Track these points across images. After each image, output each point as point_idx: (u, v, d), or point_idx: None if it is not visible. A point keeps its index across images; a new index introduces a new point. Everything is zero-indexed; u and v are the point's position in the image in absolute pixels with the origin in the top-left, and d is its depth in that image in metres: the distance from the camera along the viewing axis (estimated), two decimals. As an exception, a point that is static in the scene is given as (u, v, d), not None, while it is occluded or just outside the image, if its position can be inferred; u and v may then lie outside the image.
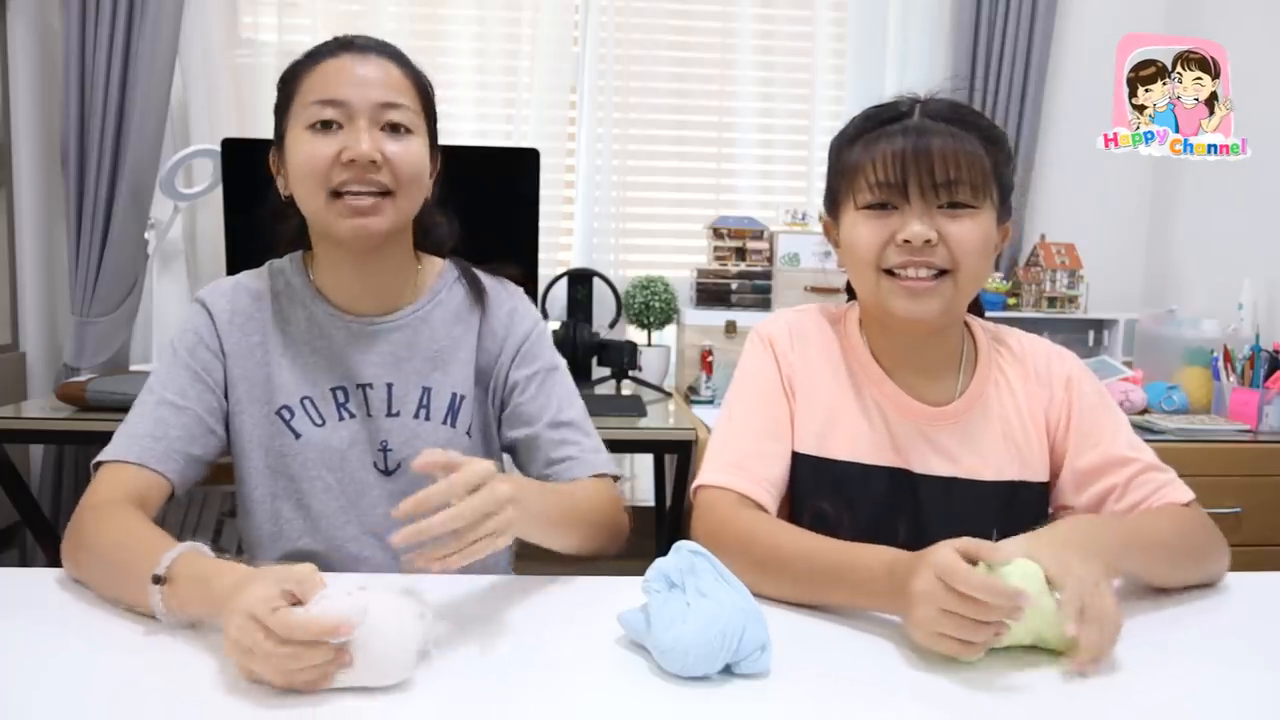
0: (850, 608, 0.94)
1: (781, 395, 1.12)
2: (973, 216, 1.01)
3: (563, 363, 1.23)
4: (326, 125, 1.06)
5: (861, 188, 1.04)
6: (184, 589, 0.84)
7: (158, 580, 0.85)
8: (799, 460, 1.11)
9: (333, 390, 1.14)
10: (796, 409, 1.12)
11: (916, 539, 1.04)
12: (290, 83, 1.11)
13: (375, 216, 1.07)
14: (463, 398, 1.17)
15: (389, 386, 1.15)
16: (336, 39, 1.11)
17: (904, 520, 1.09)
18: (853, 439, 1.10)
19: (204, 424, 1.11)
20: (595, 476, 1.16)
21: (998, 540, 0.86)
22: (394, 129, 1.07)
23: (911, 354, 1.11)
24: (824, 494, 1.10)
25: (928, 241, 1.00)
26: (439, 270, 1.21)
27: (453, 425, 1.16)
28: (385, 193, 1.07)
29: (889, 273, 1.03)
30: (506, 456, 1.25)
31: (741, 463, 1.08)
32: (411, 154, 1.08)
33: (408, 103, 1.09)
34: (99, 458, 1.06)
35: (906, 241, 1.00)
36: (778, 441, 1.11)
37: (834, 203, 1.11)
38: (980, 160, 1.00)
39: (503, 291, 1.23)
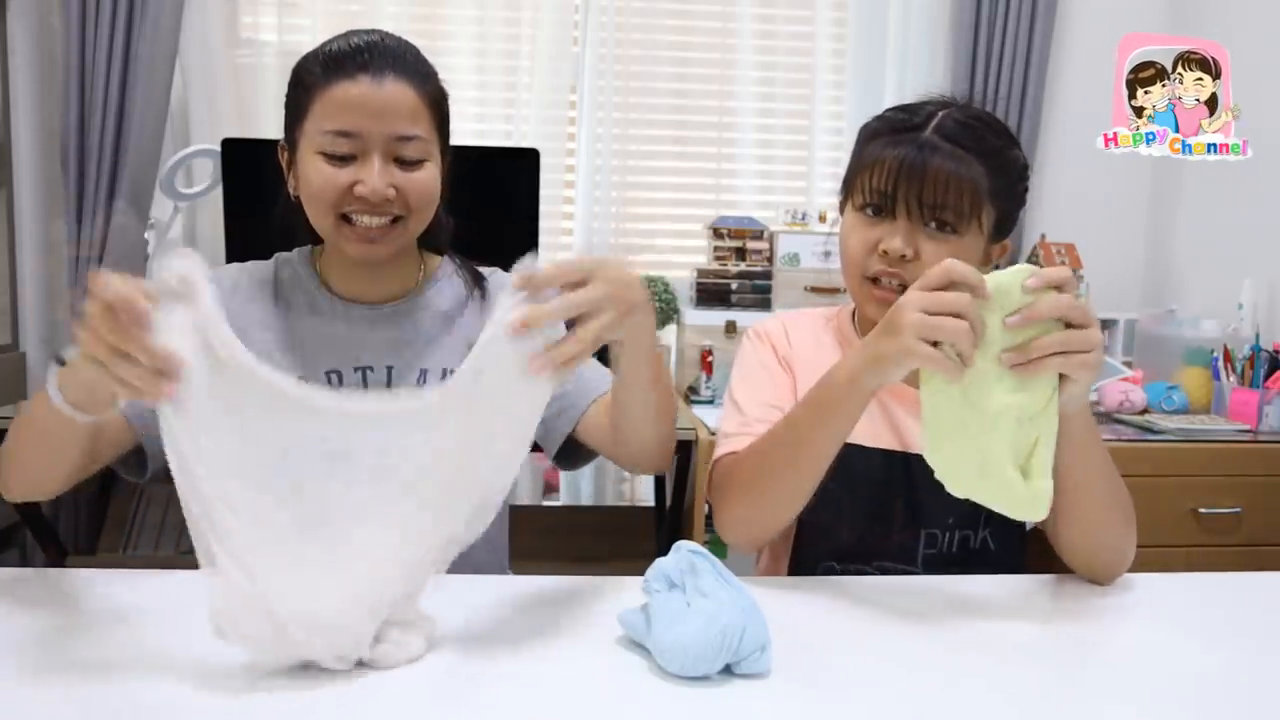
0: (841, 420, 0.97)
1: (781, 370, 1.18)
2: (951, 242, 1.07)
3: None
4: (339, 154, 1.04)
5: (860, 188, 1.09)
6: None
7: (60, 362, 0.85)
8: None
9: (328, 374, 1.14)
10: (797, 387, 1.17)
11: (912, 514, 1.13)
12: (303, 91, 1.07)
13: (383, 243, 1.08)
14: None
15: (389, 370, 1.15)
16: (353, 48, 1.05)
17: (900, 497, 1.13)
18: None
19: None
20: None
21: (984, 516, 0.92)
22: (407, 159, 1.06)
23: None
24: (827, 474, 1.13)
25: (903, 256, 1.06)
26: (438, 264, 1.23)
27: None
28: (395, 218, 1.07)
29: (871, 279, 1.10)
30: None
31: (749, 426, 1.12)
32: (423, 183, 1.08)
33: (422, 131, 1.06)
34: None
35: (886, 252, 1.07)
36: (782, 409, 1.14)
37: (847, 190, 1.16)
38: (974, 186, 1.05)
39: (502, 277, 1.23)
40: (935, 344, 0.86)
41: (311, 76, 1.06)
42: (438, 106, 1.10)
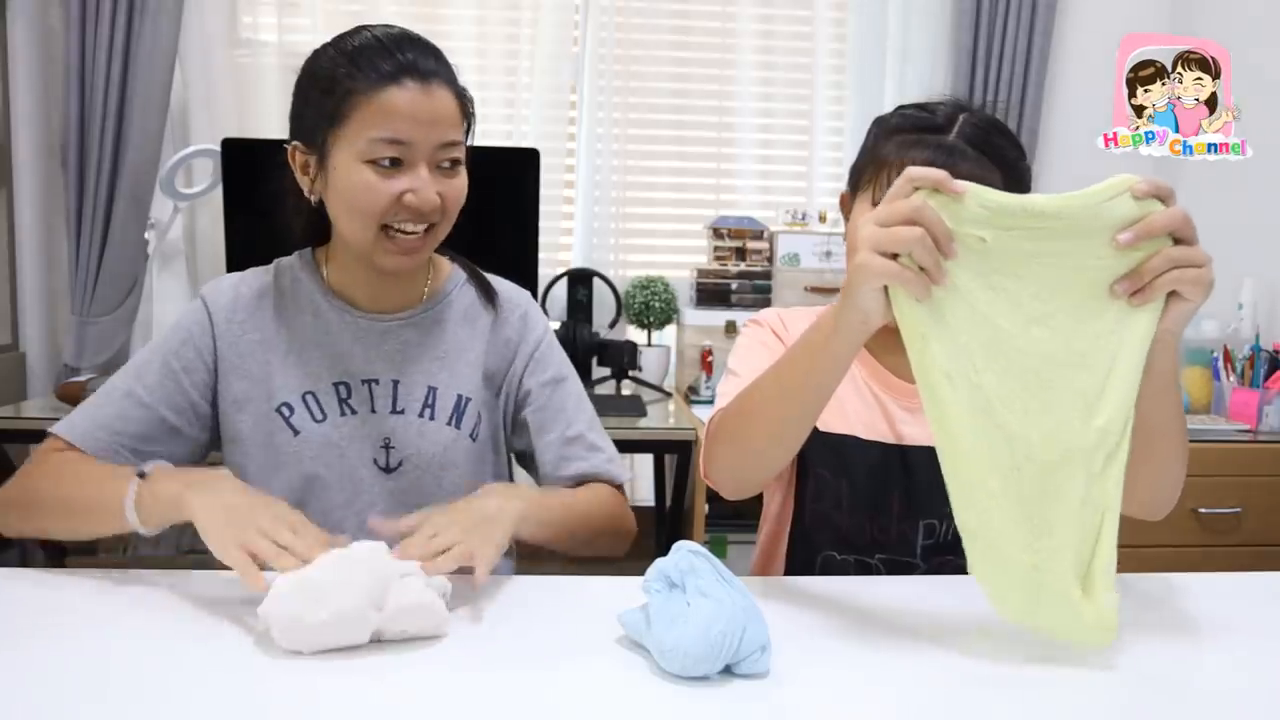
0: (828, 362, 0.92)
1: (780, 346, 1.17)
2: None
3: (571, 370, 1.24)
4: (390, 162, 1.04)
5: (882, 185, 1.07)
6: (164, 480, 0.95)
7: (141, 475, 0.95)
8: None
9: (335, 385, 1.14)
10: None
11: (909, 505, 1.14)
12: (339, 94, 1.03)
13: (417, 254, 1.09)
14: (468, 400, 1.17)
15: (394, 383, 1.15)
16: (386, 47, 1.04)
17: (897, 489, 1.14)
18: (847, 414, 1.15)
19: (165, 424, 1.11)
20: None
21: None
22: (447, 165, 1.07)
23: (893, 339, 1.15)
24: (825, 463, 1.15)
25: None
26: (447, 272, 1.22)
27: (457, 427, 1.16)
28: (429, 226, 1.08)
29: None
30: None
31: (744, 387, 1.09)
32: (461, 189, 1.10)
33: (460, 136, 1.08)
34: (54, 428, 1.09)
35: None
36: None
37: (856, 182, 1.14)
38: None
39: (514, 295, 1.24)
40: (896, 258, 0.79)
41: (349, 79, 1.03)
42: (466, 109, 1.10)
